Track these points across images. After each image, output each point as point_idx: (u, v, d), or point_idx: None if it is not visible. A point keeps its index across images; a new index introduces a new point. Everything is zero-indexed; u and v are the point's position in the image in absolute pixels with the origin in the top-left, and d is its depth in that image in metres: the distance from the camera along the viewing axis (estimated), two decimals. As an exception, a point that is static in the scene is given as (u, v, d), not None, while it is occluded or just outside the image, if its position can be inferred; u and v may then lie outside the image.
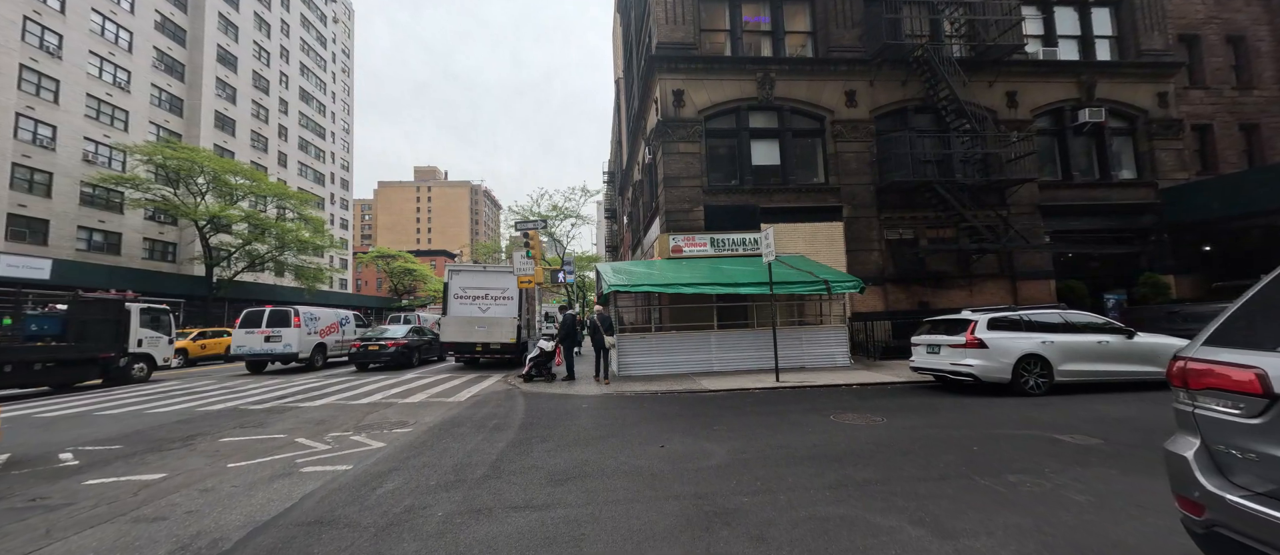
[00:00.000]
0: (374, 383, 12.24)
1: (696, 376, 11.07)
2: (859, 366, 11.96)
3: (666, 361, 11.68)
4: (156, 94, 34.28)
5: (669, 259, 14.14)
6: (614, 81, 38.41)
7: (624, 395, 9.16)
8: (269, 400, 9.67)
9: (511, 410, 7.96)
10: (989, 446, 5.00)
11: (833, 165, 15.41)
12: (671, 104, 14.90)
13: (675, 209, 14.70)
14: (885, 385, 9.50)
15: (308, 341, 16.41)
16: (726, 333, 12.08)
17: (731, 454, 4.99)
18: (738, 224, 14.76)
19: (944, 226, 15.29)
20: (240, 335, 15.99)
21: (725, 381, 10.19)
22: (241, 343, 15.91)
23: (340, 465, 4.95)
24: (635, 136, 22.11)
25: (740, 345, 11.98)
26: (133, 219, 31.84)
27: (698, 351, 11.84)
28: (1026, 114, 15.98)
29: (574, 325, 11.68)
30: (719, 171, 15.47)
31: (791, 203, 15.03)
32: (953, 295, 15.13)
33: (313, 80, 53.98)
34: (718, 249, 14.49)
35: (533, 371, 11.33)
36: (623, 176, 32.66)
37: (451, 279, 15.60)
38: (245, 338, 15.88)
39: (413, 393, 10.34)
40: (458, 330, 15.10)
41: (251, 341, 15.79)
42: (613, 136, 41.68)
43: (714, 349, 11.89)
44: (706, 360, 11.81)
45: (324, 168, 55.74)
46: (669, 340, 11.86)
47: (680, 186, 14.79)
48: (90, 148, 29.67)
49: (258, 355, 15.79)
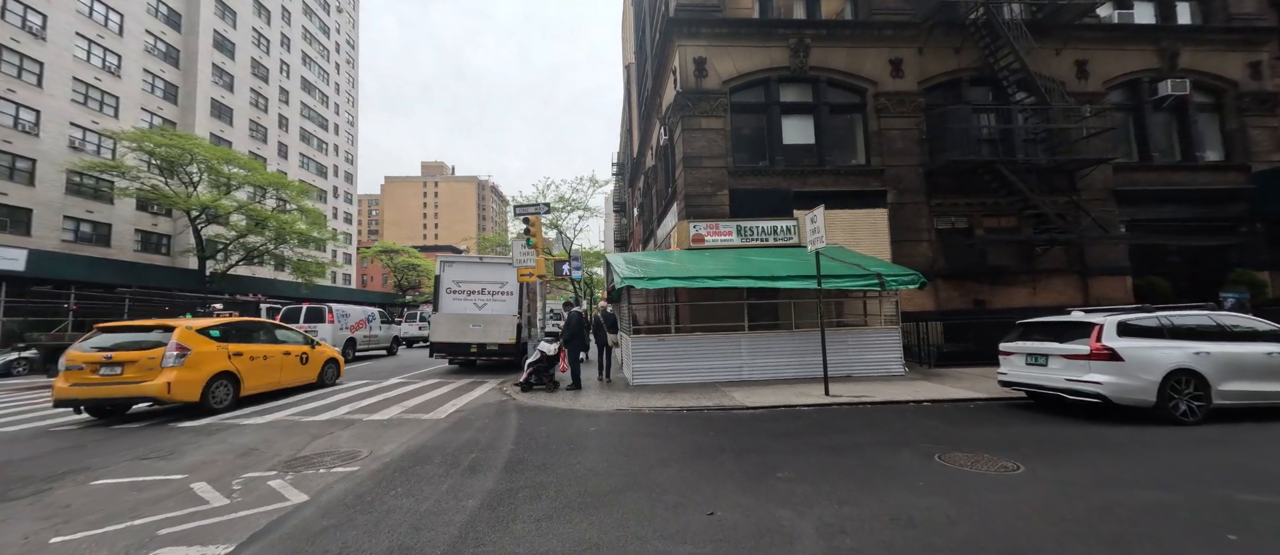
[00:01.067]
0: (347, 390, 10.60)
1: (726, 387, 9.29)
2: (916, 376, 10.11)
3: (689, 368, 9.91)
4: (149, 80, 32.99)
5: (689, 250, 12.35)
6: (624, 68, 36.60)
7: (642, 413, 7.40)
8: (214, 413, 8.04)
9: (500, 435, 6.23)
10: (1243, 527, 3.18)
11: (875, 144, 13.51)
12: (692, 74, 13.08)
13: (696, 193, 12.89)
14: (965, 404, 7.65)
15: (340, 336, 17.57)
16: (760, 335, 10.28)
17: (822, 534, 3.21)
18: (767, 210, 12.93)
19: (1003, 214, 13.35)
20: None
21: (762, 394, 8.40)
22: None
23: (214, 548, 3.22)
24: (649, 118, 20.31)
25: (776, 349, 10.17)
26: (124, 209, 30.58)
27: (726, 356, 10.05)
28: (1098, 86, 13.97)
29: (581, 325, 9.95)
30: (746, 151, 13.64)
31: (828, 186, 13.15)
32: (1013, 293, 13.20)
33: (315, 70, 52.67)
34: (745, 238, 12.67)
35: (532, 379, 9.62)
36: (633, 167, 30.87)
37: (444, 271, 13.91)
38: None
39: (386, 404, 8.66)
40: (450, 329, 13.42)
41: None
42: (622, 126, 39.90)
43: (745, 353, 10.09)
44: (736, 367, 10.02)
45: (327, 160, 54.48)
46: (691, 343, 10.07)
47: (702, 167, 12.98)
48: (77, 134, 28.39)
49: None
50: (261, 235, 32.01)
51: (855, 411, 7.22)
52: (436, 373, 13.82)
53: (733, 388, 9.24)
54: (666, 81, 15.06)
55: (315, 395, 9.89)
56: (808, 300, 10.90)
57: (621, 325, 11.72)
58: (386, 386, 11.01)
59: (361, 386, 11.10)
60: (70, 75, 28.08)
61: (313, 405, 8.73)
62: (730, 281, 9.34)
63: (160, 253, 33.00)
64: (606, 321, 10.86)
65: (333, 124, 56.52)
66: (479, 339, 13.37)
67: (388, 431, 6.61)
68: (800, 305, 11.10)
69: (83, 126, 28.70)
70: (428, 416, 7.52)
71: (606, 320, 10.95)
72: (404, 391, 10.19)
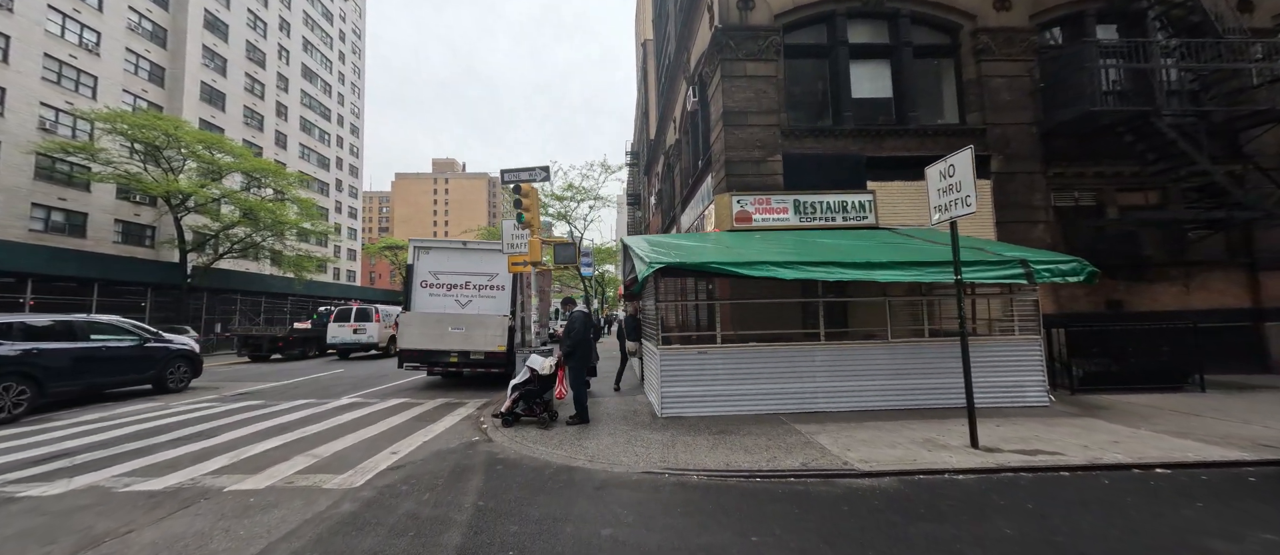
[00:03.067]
0: (263, 412, 7.81)
1: (798, 423, 6.31)
2: (1071, 409, 7.02)
3: (739, 394, 6.96)
4: (132, 60, 30.85)
5: (732, 231, 9.39)
6: (639, 46, 33.70)
7: (687, 482, 4.48)
8: (45, 456, 5.30)
9: (437, 535, 3.35)
10: None
11: (972, 97, 10.43)
12: (735, 4, 10.11)
13: (740, 159, 9.93)
14: (1233, 472, 4.57)
15: (384, 333, 19.62)
16: (842, 348, 7.26)
17: None
18: (832, 180, 9.93)
19: (1147, 187, 10.17)
20: (334, 329, 19.45)
21: (865, 440, 5.42)
22: (335, 335, 19.38)
23: None
24: (672, 84, 17.36)
25: (863, 367, 7.16)
26: (102, 198, 28.43)
27: (791, 376, 7.07)
28: (1267, 21, 10.70)
29: (586, 331, 7.03)
30: (803, 107, 10.65)
31: (911, 150, 10.11)
32: (1158, 292, 10.04)
33: (317, 57, 50.58)
34: (804, 216, 9.67)
35: (517, 408, 6.74)
36: (649, 151, 27.93)
37: (417, 260, 11.10)
38: (338, 330, 19.41)
39: (291, 449, 5.83)
40: (425, 332, 10.60)
41: (343, 333, 19.36)
42: (637, 108, 37.01)
43: (820, 373, 7.10)
44: (806, 393, 7.03)
45: (329, 151, 52.39)
46: (743, 358, 7.11)
47: (747, 126, 10.00)
48: (49, 115, 26.25)
49: (347, 345, 19.40)
50: (249, 226, 29.69)
51: (1050, 486, 4.21)
52: (408, 387, 11.01)
53: (807, 424, 6.26)
54: (699, 23, 12.10)
55: (185, 419, 7.10)
56: (893, 300, 7.89)
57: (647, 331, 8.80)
58: (320, 412, 8.18)
59: (285, 411, 8.29)
60: (41, 51, 25.94)
61: (197, 446, 5.92)
62: (807, 270, 6.33)
63: (143, 245, 30.85)
64: (628, 327, 8.06)
65: (336, 115, 54.44)
66: (460, 345, 10.53)
67: (244, 519, 3.76)
68: (871, 306, 8.07)
69: (56, 107, 26.55)
70: (336, 481, 4.65)
71: (628, 326, 8.16)
72: (339, 422, 7.35)
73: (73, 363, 9.01)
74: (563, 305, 7.47)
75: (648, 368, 8.32)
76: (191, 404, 9.16)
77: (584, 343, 6.89)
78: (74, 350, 9.12)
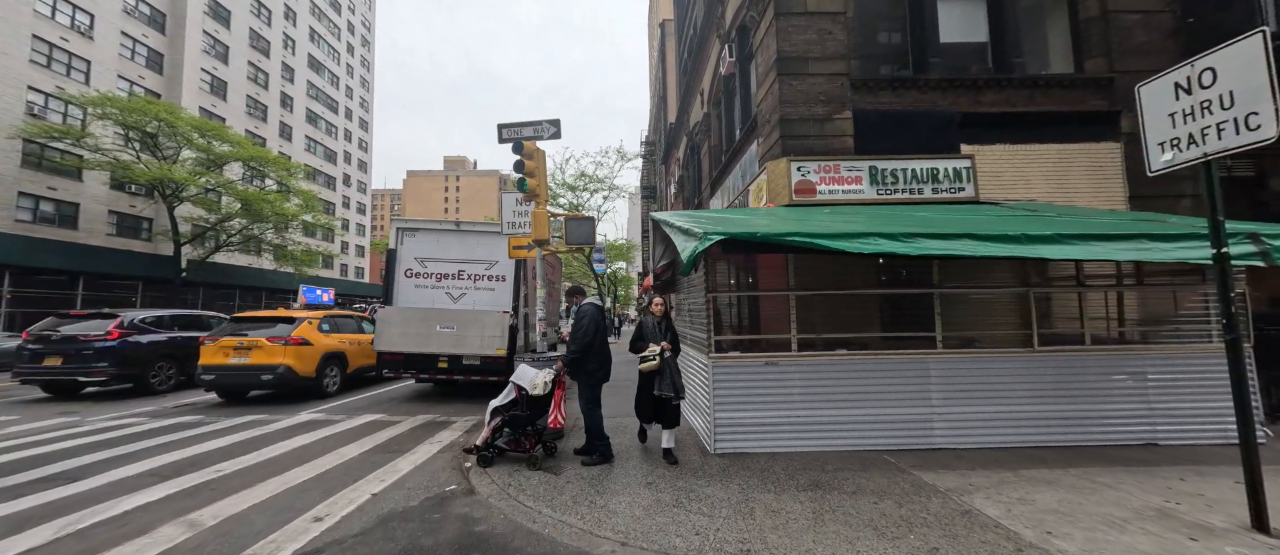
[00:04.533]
0: (188, 439, 5.97)
1: (920, 470, 4.31)
2: (1306, 450, 4.86)
3: (823, 421, 4.95)
4: (128, 45, 29.58)
5: (790, 206, 7.33)
6: (658, 25, 31.68)
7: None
8: None
9: None
10: None
11: (1094, 39, 8.26)
12: (792, -78, 8.05)
13: (799, 116, 7.89)
14: None
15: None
16: (965, 358, 5.17)
17: None
18: (915, 143, 7.85)
19: (1329, 151, 7.87)
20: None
21: (1060, 516, 3.40)
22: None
23: None
24: (701, 48, 15.33)
25: (995, 385, 5.10)
26: (95, 188, 27.14)
27: (895, 399, 5.05)
28: None
29: (598, 330, 4.99)
30: (877, 53, 8.59)
31: (1016, 105, 8.02)
32: (1343, 286, 7.74)
33: (324, 48, 49.34)
34: (883, 187, 7.57)
35: (501, 440, 4.79)
36: (667, 138, 25.92)
37: (402, 244, 9.22)
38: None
39: (163, 515, 3.93)
40: (408, 332, 8.71)
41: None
42: (652, 94, 35.04)
43: (936, 394, 5.03)
44: (919, 420, 5.00)
45: (336, 145, 51.15)
46: (830, 372, 5.07)
47: (808, 75, 7.96)
48: (37, 100, 24.98)
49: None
50: (246, 218, 28.28)
51: None
52: (388, 397, 9.16)
53: (934, 472, 4.24)
54: (741, -41, 10.06)
55: (83, 443, 5.25)
56: (989, 293, 5.81)
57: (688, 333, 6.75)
58: (261, 435, 6.30)
59: (216, 433, 6.43)
60: (29, 32, 24.67)
61: (9, 493, 4.06)
62: (938, 245, 4.26)
63: (139, 238, 29.57)
64: (655, 331, 5.60)
65: (344, 107, 53.22)
66: (452, 348, 8.63)
67: None
68: (976, 302, 5.97)
69: (46, 92, 25.29)
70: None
71: (653, 329, 5.65)
72: (272, 455, 5.46)
73: None
74: (569, 296, 5.44)
75: (688, 377, 6.30)
76: (118, 416, 7.37)
77: (590, 347, 4.87)
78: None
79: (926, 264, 5.99)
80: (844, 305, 6.45)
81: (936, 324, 5.19)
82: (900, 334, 5.57)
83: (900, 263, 6.47)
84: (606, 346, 5.09)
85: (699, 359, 5.56)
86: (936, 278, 5.38)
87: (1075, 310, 6.57)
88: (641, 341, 5.03)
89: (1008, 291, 6.07)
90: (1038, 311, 6.00)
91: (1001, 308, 6.57)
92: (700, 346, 5.49)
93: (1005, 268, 6.72)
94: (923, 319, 5.90)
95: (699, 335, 5.53)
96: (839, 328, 6.03)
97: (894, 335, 5.63)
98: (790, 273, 5.46)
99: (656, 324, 5.06)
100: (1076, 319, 6.36)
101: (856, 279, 6.23)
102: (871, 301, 6.74)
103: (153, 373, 9.85)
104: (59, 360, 9.15)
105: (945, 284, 5.48)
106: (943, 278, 5.83)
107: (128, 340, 9.58)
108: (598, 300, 5.20)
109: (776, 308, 6.40)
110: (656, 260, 7.94)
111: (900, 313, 6.49)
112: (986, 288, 6.13)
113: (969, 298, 6.67)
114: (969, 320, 6.90)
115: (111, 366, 9.22)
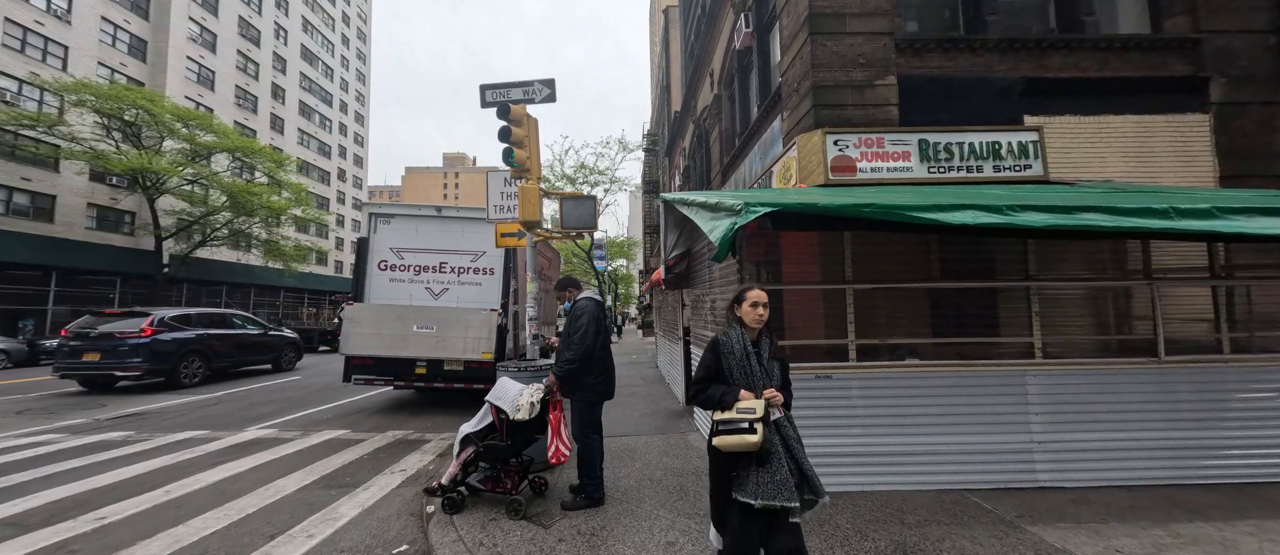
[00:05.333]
0: (94, 466, 4.84)
1: (1037, 526, 3.18)
2: None
3: (892, 453, 3.82)
4: (108, 30, 28.38)
5: (826, 186, 6.19)
6: (661, 11, 30.49)
7: None
8: None
9: None
10: None
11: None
12: None
13: (835, 82, 6.77)
14: None
15: None
16: (1073, 370, 4.03)
17: None
18: (970, 113, 6.74)
19: None
20: None
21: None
22: None
23: None
24: (711, 27, 14.17)
25: (1113, 404, 3.94)
26: (72, 179, 25.96)
27: (983, 422, 3.92)
28: None
29: (602, 333, 3.84)
30: (924, 11, 7.44)
31: (1088, 70, 6.92)
32: None
33: (318, 39, 48.10)
34: (936, 165, 6.45)
35: (472, 476, 3.65)
36: (673, 127, 24.75)
37: (376, 230, 8.08)
38: None
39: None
40: (380, 332, 7.58)
41: None
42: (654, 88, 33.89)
43: (1035, 416, 3.90)
44: (1017, 450, 3.88)
45: (330, 138, 49.95)
46: (900, 386, 3.93)
47: (845, 34, 6.84)
48: (10, 86, 23.81)
49: None
50: (232, 212, 27.12)
51: None
52: (359, 407, 8.03)
53: (1052, 522, 3.16)
54: (762, -91, 8.93)
55: None
56: (1090, 287, 4.68)
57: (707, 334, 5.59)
58: (185, 461, 5.19)
59: (133, 458, 5.31)
60: (1, 16, 23.49)
61: None
62: (1064, 216, 3.12)
63: (121, 232, 28.40)
64: (763, 356, 2.78)
65: (338, 101, 52.01)
66: (431, 351, 7.51)
67: None
68: (1012, 300, 4.83)
69: (18, 78, 24.10)
70: None
71: (763, 353, 2.65)
72: (179, 495, 4.37)
73: (228, 346, 11.59)
74: (560, 290, 4.26)
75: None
76: (34, 434, 6.24)
77: (590, 360, 3.73)
78: (228, 336, 11.65)
79: (1015, 253, 4.87)
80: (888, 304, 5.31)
81: (1034, 326, 4.06)
82: (983, 339, 4.42)
83: (981, 250, 5.34)
84: (608, 353, 3.95)
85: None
86: (1033, 266, 4.23)
87: (1147, 310, 5.42)
88: (720, 385, 2.54)
89: (1111, 285, 4.91)
90: (1104, 313, 4.87)
91: (1074, 308, 5.43)
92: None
93: (1078, 261, 5.59)
94: (985, 320, 4.76)
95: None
96: (890, 333, 4.89)
97: (972, 341, 4.48)
98: (848, 262, 4.29)
99: (749, 347, 2.59)
100: (1148, 319, 5.21)
101: (913, 271, 5.10)
102: (919, 300, 5.60)
103: (182, 367, 10.51)
104: (97, 356, 9.68)
105: (1042, 276, 4.33)
106: (1032, 269, 4.68)
107: (159, 337, 10.18)
108: (596, 294, 4.04)
109: (806, 308, 5.25)
110: (669, 250, 6.79)
111: (962, 315, 5.36)
112: (1087, 282, 4.95)
113: (1042, 293, 5.51)
114: (1025, 324, 5.76)
115: (144, 361, 9.84)
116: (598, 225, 6.13)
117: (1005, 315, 5.55)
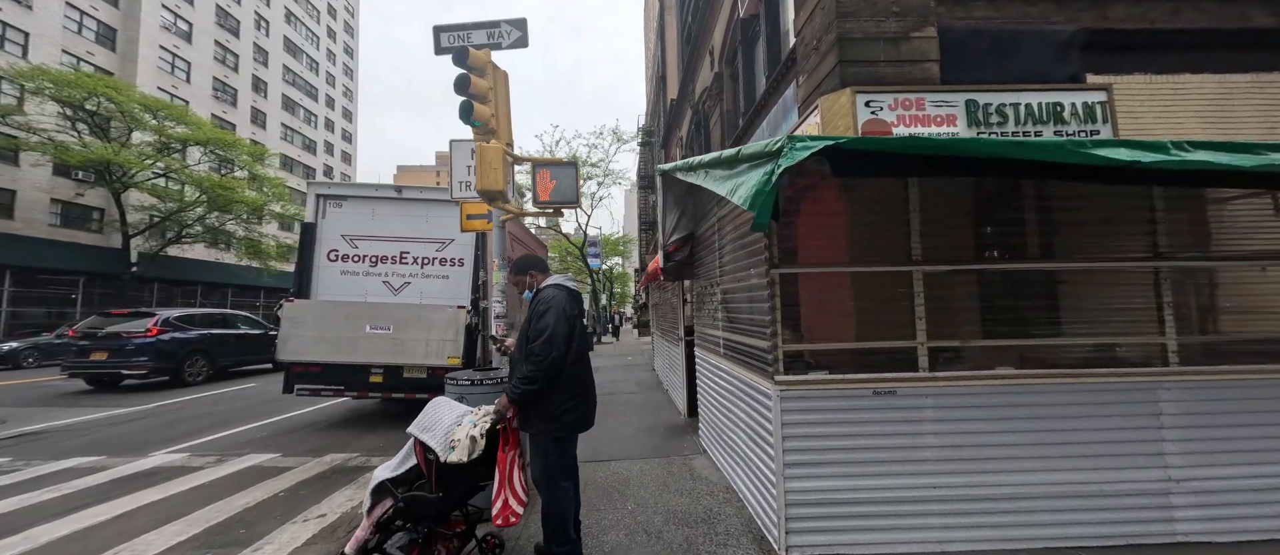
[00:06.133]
0: None
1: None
2: None
3: (976, 495, 2.71)
4: (74, 16, 26.94)
5: (857, 154, 5.07)
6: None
7: None
8: None
9: None
10: None
11: (1259, -66, 6.10)
12: None
13: (864, 34, 5.73)
14: None
15: None
16: (1220, 383, 2.94)
17: None
18: (1022, 70, 5.74)
19: None
20: None
21: None
22: None
23: None
24: (709, 5, 13.07)
25: (1275, 420, 2.85)
26: (34, 173, 24.52)
27: (1095, 455, 2.80)
28: None
29: (575, 337, 2.71)
30: (963, -48, 6.38)
31: (1159, 22, 5.92)
32: None
33: (301, 31, 46.63)
34: (984, 128, 5.43)
35: (389, 541, 2.49)
36: (670, 116, 23.67)
37: (324, 215, 6.94)
38: None
39: None
40: (327, 335, 6.44)
41: None
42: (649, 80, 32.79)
43: (1171, 443, 2.82)
44: (1150, 491, 2.82)
45: (316, 134, 48.49)
46: (990, 405, 2.83)
47: (876, -22, 5.77)
48: (-36, 74, 22.36)
49: None
50: (206, 208, 25.77)
51: None
52: (309, 422, 6.87)
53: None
54: None
55: None
56: (1124, 278, 3.57)
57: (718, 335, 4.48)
58: (54, 500, 4.05)
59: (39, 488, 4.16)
60: (-47, -2, 22.08)
61: None
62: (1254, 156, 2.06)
63: (88, 229, 26.98)
64: None
65: (324, 95, 50.54)
66: (387, 357, 6.38)
67: None
68: (1079, 286, 3.74)
69: (-27, 65, 22.66)
70: None
71: None
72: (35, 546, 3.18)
73: (229, 345, 11.95)
74: (518, 274, 3.08)
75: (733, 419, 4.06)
76: None
77: (570, 362, 2.62)
78: (229, 335, 12.03)
79: (1092, 227, 3.79)
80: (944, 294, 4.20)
81: (1166, 320, 2.98)
82: (1093, 338, 3.33)
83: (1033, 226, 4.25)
84: (586, 366, 2.81)
85: (754, 384, 3.32)
86: (1162, 242, 3.16)
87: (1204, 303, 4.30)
88: None
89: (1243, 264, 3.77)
90: (1168, 313, 3.76)
91: (1131, 305, 4.36)
92: (759, 362, 3.24)
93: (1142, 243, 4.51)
94: (1028, 318, 3.66)
95: (753, 343, 3.30)
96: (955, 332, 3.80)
97: (1072, 341, 3.39)
98: (915, 234, 3.18)
99: None
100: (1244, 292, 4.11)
101: (961, 251, 3.99)
102: (962, 290, 4.47)
103: (187, 366, 10.71)
104: (104, 355, 9.83)
105: (1171, 255, 3.24)
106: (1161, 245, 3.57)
107: (164, 337, 10.37)
108: (567, 281, 2.85)
109: (827, 302, 4.07)
110: (668, 233, 5.69)
111: (1014, 311, 4.25)
112: (1250, 259, 3.77)
113: (1093, 278, 4.37)
114: (1073, 324, 4.66)
115: (150, 361, 10.00)
116: (579, 201, 5.03)
117: (1067, 311, 4.44)
